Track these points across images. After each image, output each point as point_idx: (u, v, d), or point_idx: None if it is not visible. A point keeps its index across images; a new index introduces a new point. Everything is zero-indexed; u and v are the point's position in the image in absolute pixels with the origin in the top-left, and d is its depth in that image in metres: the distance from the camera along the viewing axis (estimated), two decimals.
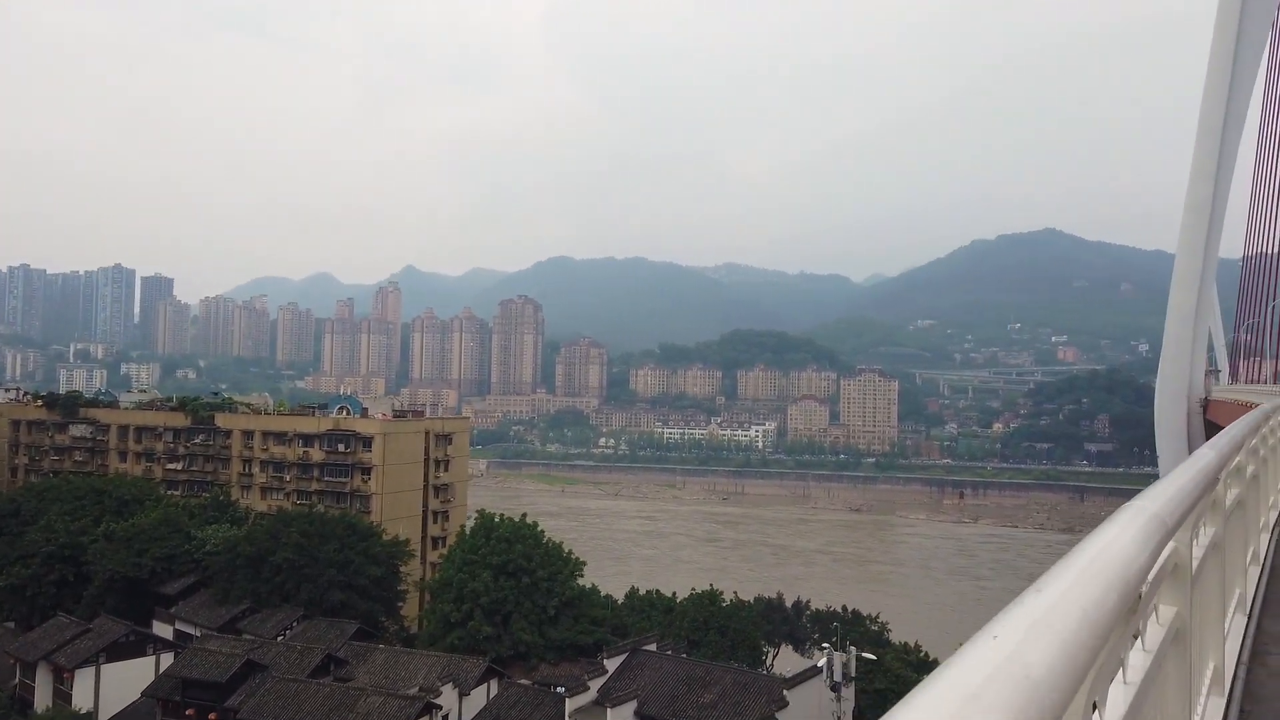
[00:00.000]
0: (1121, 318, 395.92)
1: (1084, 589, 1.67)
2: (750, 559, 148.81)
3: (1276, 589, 7.68)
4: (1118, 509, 2.77)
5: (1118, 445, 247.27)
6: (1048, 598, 1.49)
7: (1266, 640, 6.26)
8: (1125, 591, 1.92)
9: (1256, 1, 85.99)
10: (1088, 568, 1.88)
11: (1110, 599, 1.76)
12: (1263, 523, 8.89)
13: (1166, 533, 2.67)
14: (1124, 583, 1.94)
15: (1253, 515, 7.54)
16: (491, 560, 54.90)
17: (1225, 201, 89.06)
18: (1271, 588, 7.62)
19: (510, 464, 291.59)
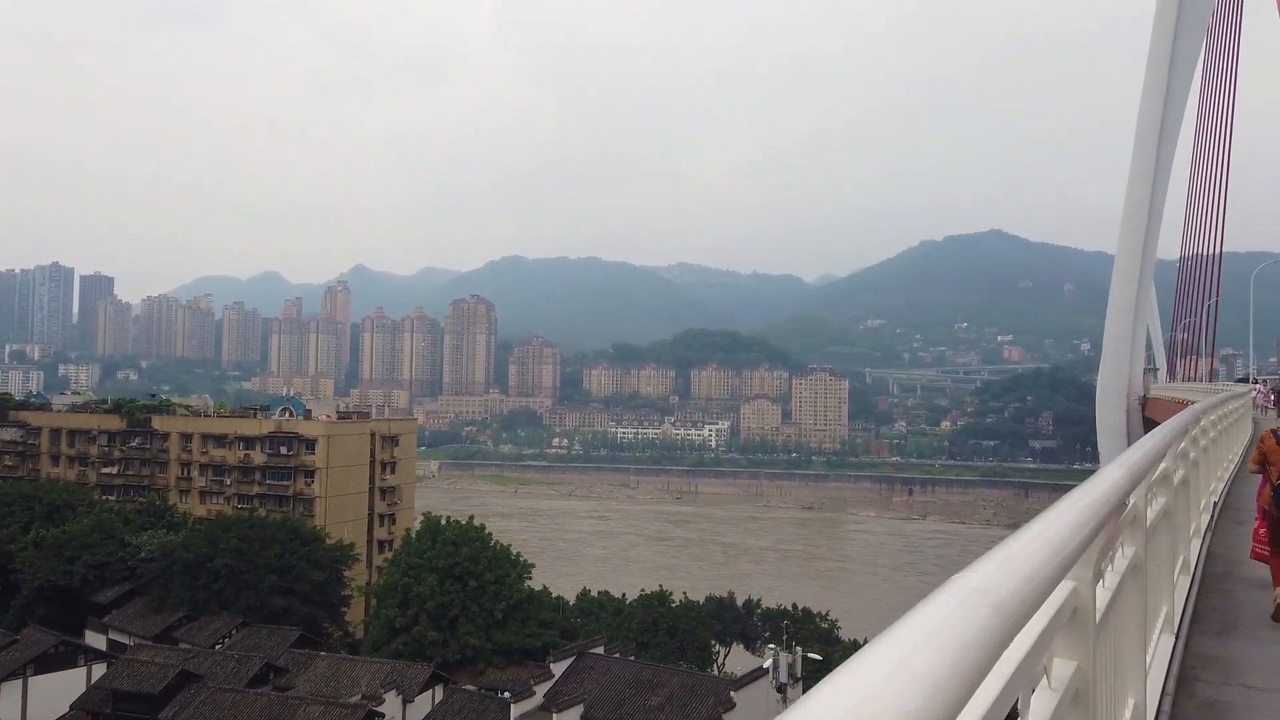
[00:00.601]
0: (1064, 317, 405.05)
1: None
2: (700, 557, 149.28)
3: (1208, 602, 7.29)
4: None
5: (1061, 442, 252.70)
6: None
7: (1195, 664, 5.83)
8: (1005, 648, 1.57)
9: (1191, 10, 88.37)
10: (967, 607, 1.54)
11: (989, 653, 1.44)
12: (1194, 528, 8.66)
13: (1047, 585, 2.00)
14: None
15: (1182, 524, 7.18)
16: (438, 564, 54.02)
17: (1163, 204, 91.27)
18: (1203, 601, 7.22)
19: (463, 465, 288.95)
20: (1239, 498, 15.91)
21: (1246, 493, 15.84)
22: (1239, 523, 13.13)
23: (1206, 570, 8.90)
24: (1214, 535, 11.44)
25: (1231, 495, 16.14)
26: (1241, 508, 14.50)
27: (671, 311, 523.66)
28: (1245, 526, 12.46)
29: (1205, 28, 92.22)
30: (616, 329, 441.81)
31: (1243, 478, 18.20)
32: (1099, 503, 2.93)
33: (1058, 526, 2.38)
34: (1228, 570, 9.46)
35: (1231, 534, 12.01)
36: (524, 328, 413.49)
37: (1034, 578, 1.74)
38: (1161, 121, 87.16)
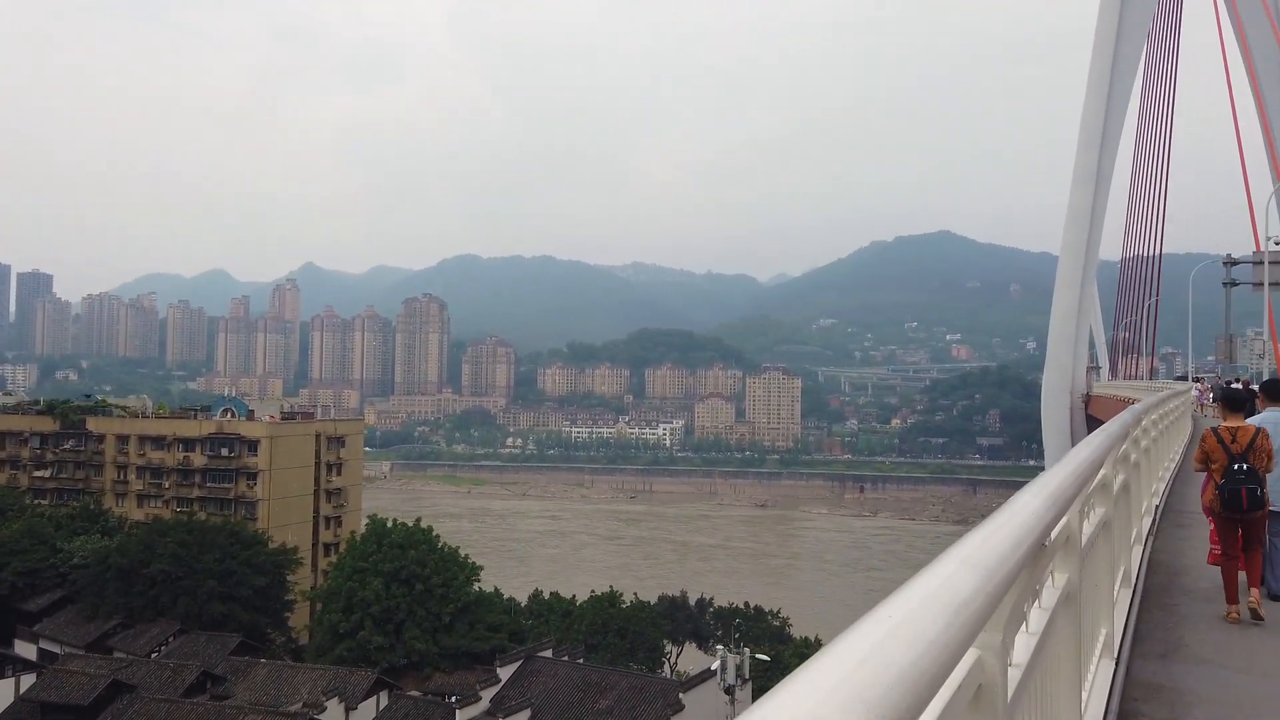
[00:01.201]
0: (1010, 317, 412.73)
1: None
2: (652, 556, 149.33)
3: (1151, 619, 6.88)
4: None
5: (1007, 439, 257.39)
6: None
7: (1137, 695, 5.45)
8: None
9: (1132, 17, 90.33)
10: None
11: None
12: (1135, 534, 8.38)
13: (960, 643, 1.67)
14: None
15: (1122, 533, 6.76)
16: (383, 567, 52.95)
17: (1105, 206, 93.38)
18: (1145, 618, 6.81)
19: (415, 465, 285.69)
20: (1181, 499, 15.65)
21: (1188, 494, 15.74)
22: (1181, 526, 12.86)
23: (1149, 581, 8.48)
24: (1156, 540, 11.12)
25: (1173, 496, 15.89)
26: (1184, 509, 14.27)
27: (626, 311, 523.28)
28: (1187, 530, 12.29)
29: (1145, 34, 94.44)
30: (571, 328, 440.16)
31: (1184, 477, 18.06)
32: (1005, 556, 2.29)
33: (953, 589, 1.83)
34: (1170, 580, 9.13)
35: (1174, 539, 11.76)
36: (478, 327, 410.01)
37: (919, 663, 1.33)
38: (1103, 126, 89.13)
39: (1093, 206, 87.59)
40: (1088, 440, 5.89)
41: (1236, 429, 8.74)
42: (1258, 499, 8.39)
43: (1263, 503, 8.46)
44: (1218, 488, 8.48)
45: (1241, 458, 8.47)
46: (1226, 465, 8.48)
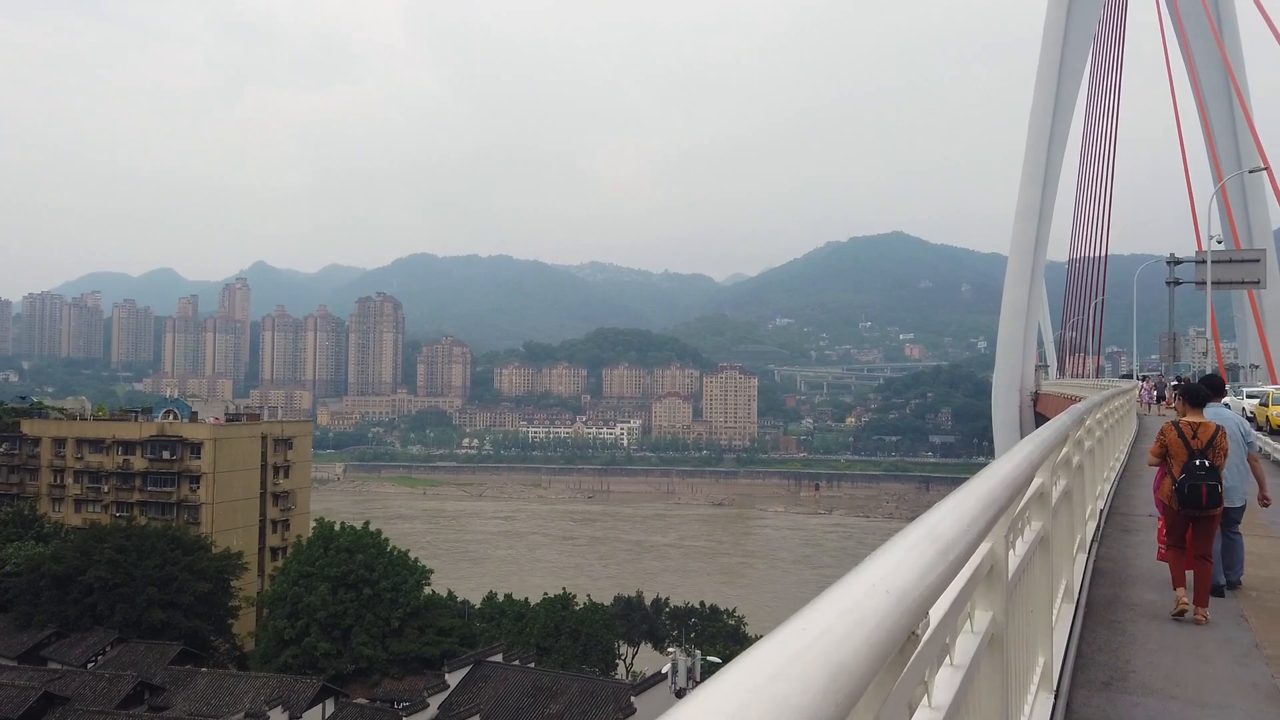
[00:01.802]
0: (961, 316, 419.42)
1: None
2: (606, 556, 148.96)
3: (1094, 641, 6.41)
4: None
5: (959, 437, 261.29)
6: None
7: None
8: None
9: (1078, 22, 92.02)
10: None
11: None
12: (1078, 542, 8.04)
13: None
14: None
15: (1063, 546, 6.28)
16: (330, 572, 51.77)
17: (1052, 207, 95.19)
18: (1088, 639, 6.35)
19: (369, 467, 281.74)
20: (1127, 501, 15.15)
21: (1134, 495, 15.38)
22: (1127, 530, 12.40)
23: (1093, 593, 8.05)
24: (1101, 547, 10.64)
25: (1119, 498, 15.33)
26: (1130, 512, 13.85)
27: (584, 310, 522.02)
28: (1134, 535, 11.87)
29: (1091, 39, 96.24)
30: (528, 328, 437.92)
31: (1130, 476, 17.65)
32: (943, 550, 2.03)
33: None
34: (1116, 595, 8.68)
35: (1119, 545, 11.32)
36: (433, 326, 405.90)
37: None
38: (1051, 128, 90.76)
39: (1041, 206, 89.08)
40: (1016, 449, 5.14)
41: (1197, 425, 8.68)
42: (1217, 496, 8.35)
43: (1219, 500, 8.42)
44: (1175, 483, 8.40)
45: (1202, 454, 8.42)
46: (1187, 461, 8.42)
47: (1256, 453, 10.16)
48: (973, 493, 2.92)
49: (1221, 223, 51.02)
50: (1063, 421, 6.28)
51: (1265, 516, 12.80)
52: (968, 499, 2.76)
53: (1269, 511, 12.91)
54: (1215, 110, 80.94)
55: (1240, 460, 9.79)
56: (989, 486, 3.20)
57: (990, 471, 3.51)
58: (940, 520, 2.38)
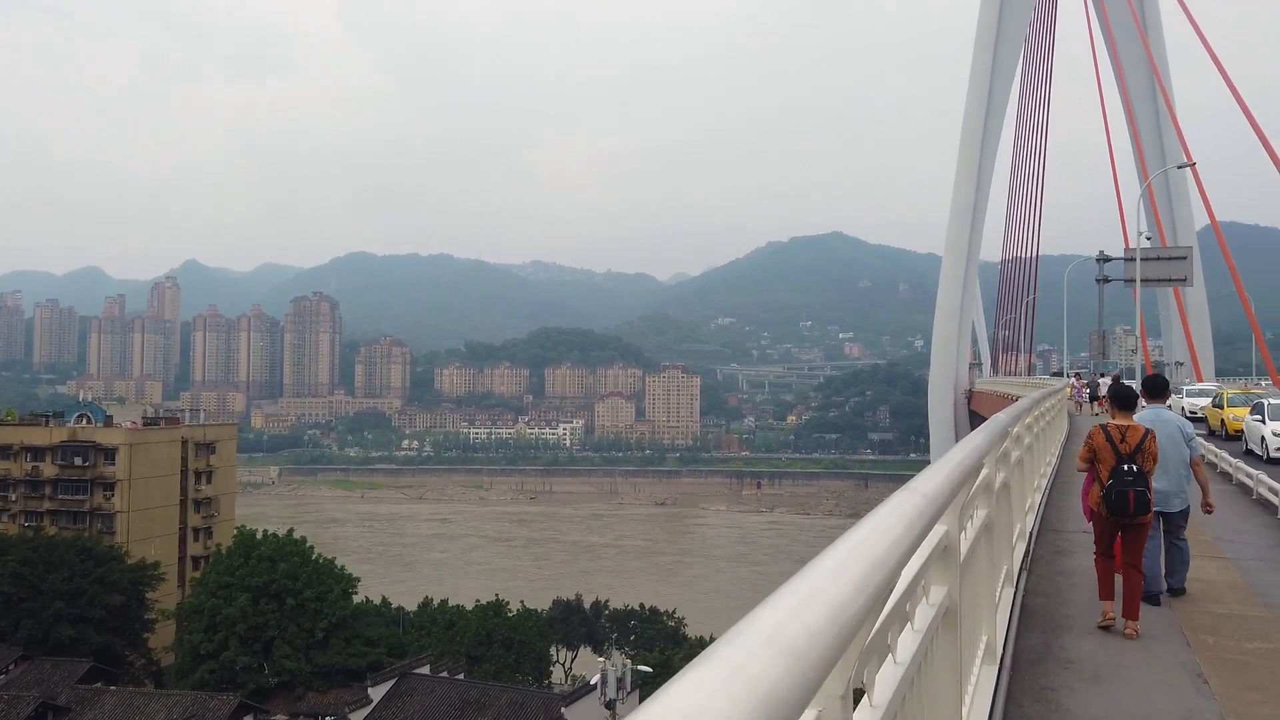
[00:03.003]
0: (899, 315, 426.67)
1: None
2: (542, 557, 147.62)
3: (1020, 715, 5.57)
4: None
5: (897, 434, 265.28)
6: None
7: None
8: None
9: (1010, 24, 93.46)
10: None
11: None
12: (1003, 574, 7.08)
13: None
14: None
15: (985, 583, 5.40)
16: (251, 582, 49.55)
17: (985, 207, 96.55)
18: (1012, 713, 5.50)
19: (305, 470, 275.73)
20: (1059, 513, 13.92)
21: (1068, 506, 14.22)
22: (1059, 552, 11.01)
23: (1019, 647, 6.95)
24: (1029, 577, 9.40)
25: (1051, 509, 14.11)
26: (1064, 529, 12.64)
27: (526, 309, 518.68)
28: (1068, 557, 10.67)
29: (1023, 40, 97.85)
30: (469, 327, 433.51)
31: (1061, 483, 16.64)
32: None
33: None
34: (1047, 647, 7.27)
35: (1050, 572, 9.93)
36: (372, 326, 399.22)
37: None
38: (983, 130, 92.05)
39: (974, 207, 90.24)
40: (966, 442, 4.84)
41: (1126, 428, 8.38)
42: (1145, 502, 8.07)
43: (1148, 506, 8.12)
44: (1103, 489, 8.15)
45: (1130, 458, 8.13)
46: (1115, 465, 8.15)
47: (1199, 456, 9.73)
48: (936, 474, 3.28)
49: (1148, 222, 51.96)
50: (974, 446, 5.43)
51: (1211, 532, 12.03)
52: (935, 478, 3.20)
53: (1215, 527, 12.25)
54: (1141, 110, 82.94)
55: (1181, 464, 9.36)
56: (948, 470, 3.57)
57: (948, 458, 3.90)
58: (907, 498, 2.66)
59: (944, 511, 3.04)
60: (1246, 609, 8.77)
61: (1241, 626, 8.12)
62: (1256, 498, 15.97)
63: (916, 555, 2.79)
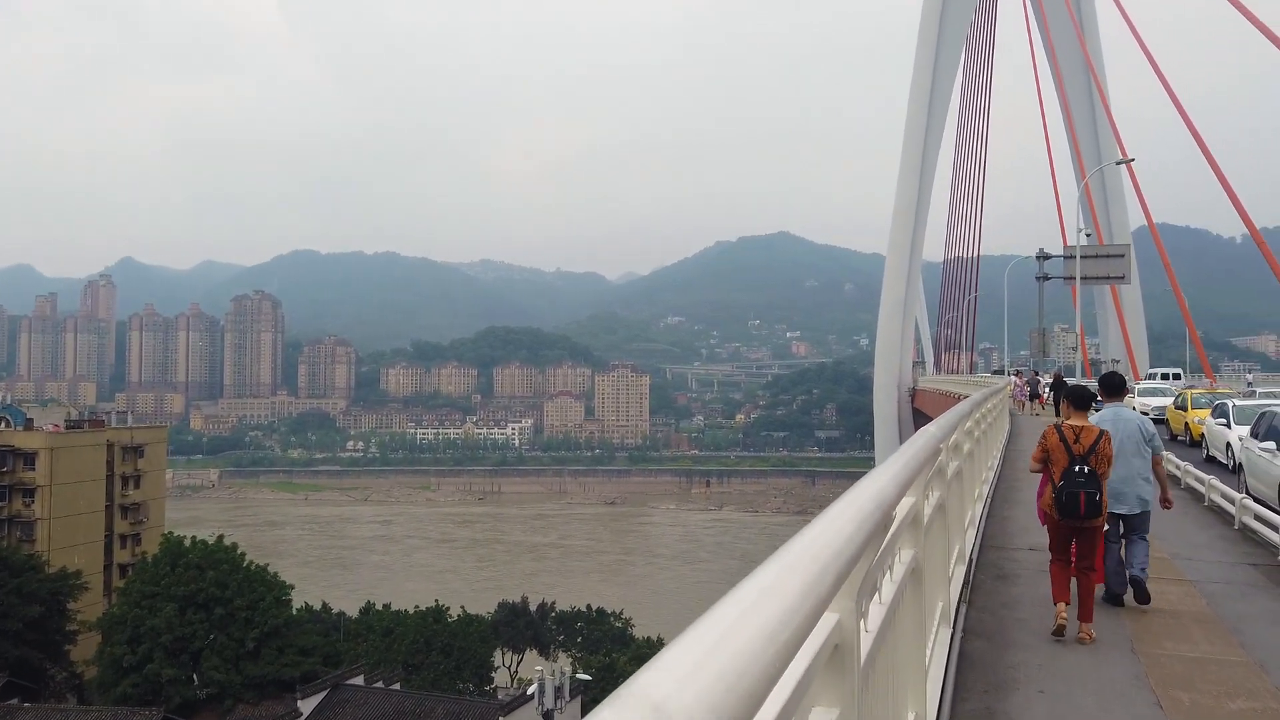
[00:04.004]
0: (845, 315, 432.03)
1: None
2: (485, 559, 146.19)
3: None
4: None
5: (843, 432, 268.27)
6: None
7: None
8: None
9: (951, 27, 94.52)
10: None
11: None
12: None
13: None
14: None
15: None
16: (177, 591, 47.63)
17: (928, 207, 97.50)
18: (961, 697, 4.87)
19: (246, 472, 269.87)
20: (1002, 526, 12.68)
21: (1012, 516, 13.27)
22: (1003, 576, 9.74)
23: (956, 715, 5.90)
24: (970, 612, 8.16)
25: (993, 521, 12.82)
26: (1006, 545, 11.31)
27: (474, 308, 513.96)
28: (1012, 583, 9.45)
29: (964, 40, 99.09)
30: (416, 326, 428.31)
31: (1004, 490, 15.81)
32: None
33: None
34: (989, 713, 5.96)
35: (994, 604, 8.49)
36: (317, 325, 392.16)
37: None
38: (925, 131, 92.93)
39: (917, 206, 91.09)
40: (918, 436, 4.55)
41: (1080, 428, 8.22)
42: (1096, 505, 7.90)
43: (1100, 509, 7.96)
44: (1055, 490, 8.00)
45: (1083, 459, 7.99)
46: (1067, 467, 7.99)
47: (1160, 455, 9.41)
48: (901, 457, 3.41)
49: (1085, 220, 52.89)
50: (894, 476, 4.78)
51: (1167, 546, 11.23)
52: (901, 458, 3.40)
53: (1171, 540, 11.58)
54: (1079, 111, 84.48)
55: (1143, 465, 9.08)
56: (913, 453, 3.75)
57: (910, 443, 4.10)
58: (881, 475, 2.92)
59: (835, 595, 2.11)
60: (1223, 652, 7.51)
61: (1219, 677, 6.87)
62: (1208, 503, 15.12)
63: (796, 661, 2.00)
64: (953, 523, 6.91)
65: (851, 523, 2.30)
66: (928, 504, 5.33)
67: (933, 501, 5.62)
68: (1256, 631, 8.04)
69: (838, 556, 2.01)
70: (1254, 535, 12.36)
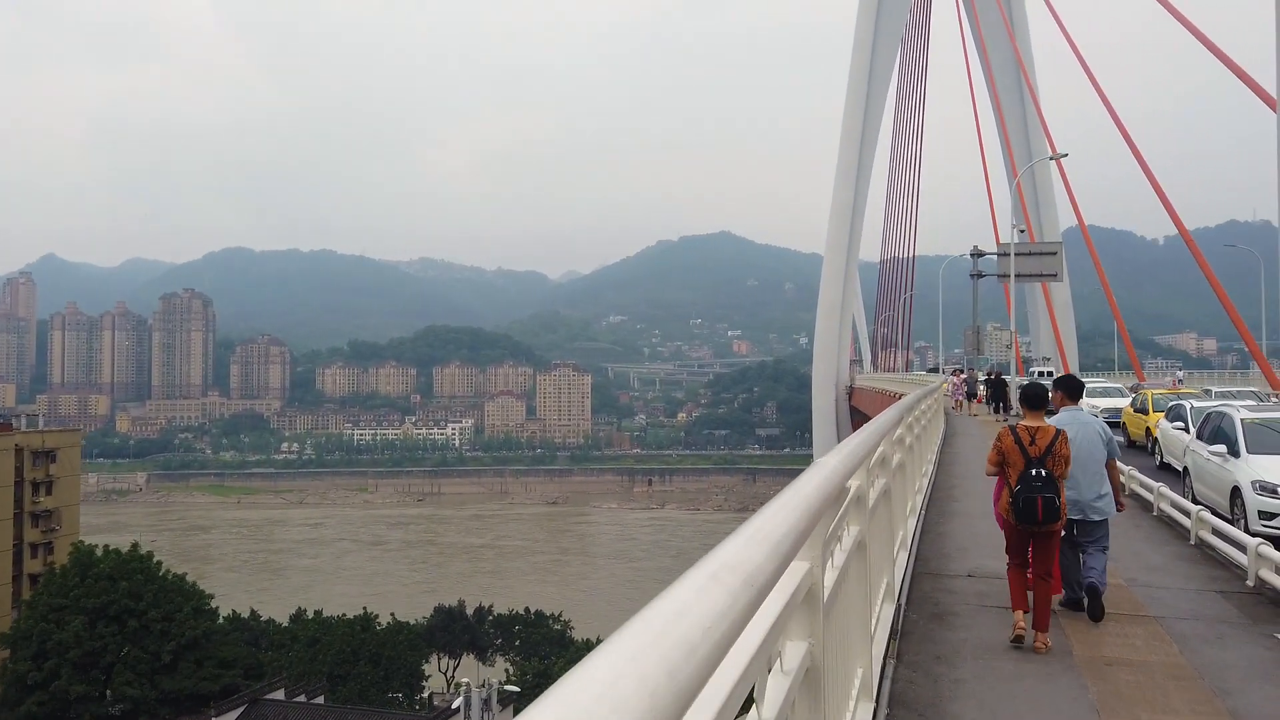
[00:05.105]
0: (785, 313, 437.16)
1: None
2: (417, 561, 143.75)
3: None
4: None
5: (783, 429, 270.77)
6: None
7: None
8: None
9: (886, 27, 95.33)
10: None
11: None
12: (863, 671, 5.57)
13: None
14: None
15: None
16: (87, 603, 45.28)
17: (864, 207, 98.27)
18: None
19: (176, 476, 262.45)
20: (937, 544, 11.45)
21: (950, 531, 12.27)
22: (938, 616, 8.30)
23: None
24: (898, 672, 6.74)
25: (926, 543, 11.46)
26: (941, 570, 10.06)
27: (413, 307, 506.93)
28: (950, 625, 8.19)
29: (899, 40, 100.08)
30: (354, 325, 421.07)
31: (939, 498, 14.98)
32: None
33: None
34: None
35: (925, 660, 6.99)
36: (250, 325, 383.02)
37: None
38: (862, 131, 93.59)
39: (853, 206, 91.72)
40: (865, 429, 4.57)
41: (1036, 429, 7.90)
42: (1054, 510, 7.57)
43: (1059, 514, 7.63)
44: (1012, 495, 7.70)
45: (1039, 462, 7.67)
46: (1023, 470, 7.68)
47: (1116, 460, 9.04)
48: (852, 441, 3.67)
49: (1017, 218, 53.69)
50: (804, 505, 4.22)
51: (1123, 570, 10.29)
52: (853, 442, 3.74)
53: (1125, 561, 10.75)
54: (1010, 110, 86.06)
55: (1101, 469, 8.72)
56: (863, 439, 4.08)
57: (865, 429, 4.44)
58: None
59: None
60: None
61: None
62: (1158, 513, 14.09)
63: None
64: (878, 554, 6.01)
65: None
66: (872, 490, 5.34)
67: (878, 487, 5.77)
68: (1246, 694, 6.55)
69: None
70: (1213, 552, 11.25)
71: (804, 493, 2.61)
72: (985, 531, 11.07)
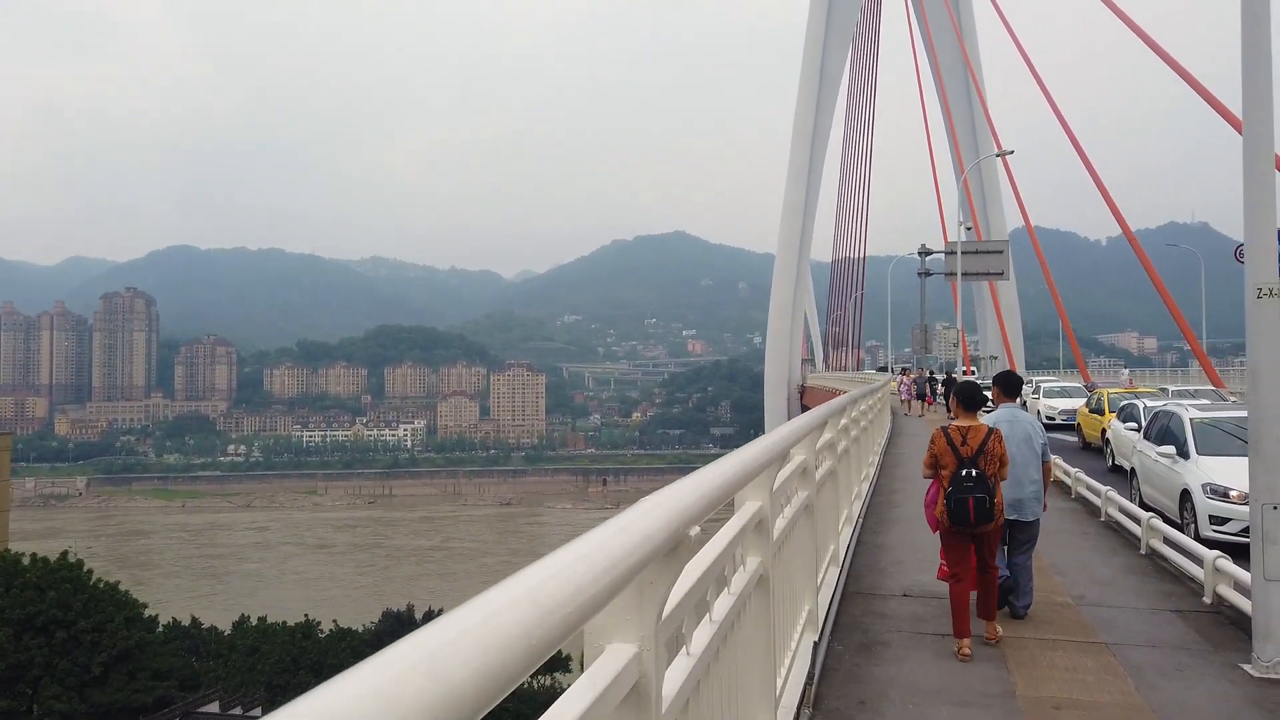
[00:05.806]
0: (739, 313, 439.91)
1: None
2: (363, 564, 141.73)
3: None
4: None
5: (737, 428, 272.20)
6: None
7: None
8: None
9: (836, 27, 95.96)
10: None
11: None
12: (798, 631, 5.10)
13: None
14: None
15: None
16: (12, 615, 43.37)
17: (816, 207, 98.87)
18: None
19: (118, 479, 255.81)
20: (871, 562, 10.80)
21: (887, 544, 11.64)
22: (866, 646, 7.50)
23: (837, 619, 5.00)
24: (821, 694, 6.15)
25: (861, 557, 10.92)
26: (876, 590, 9.41)
27: (364, 307, 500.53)
28: (877, 660, 7.19)
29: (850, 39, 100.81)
30: (303, 325, 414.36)
31: (879, 505, 14.51)
32: None
33: None
34: None
35: (847, 706, 6.04)
36: (196, 325, 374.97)
37: None
38: (813, 131, 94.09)
39: (805, 206, 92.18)
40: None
41: (968, 428, 7.73)
42: (986, 511, 7.39)
43: (992, 515, 7.45)
44: (945, 497, 7.53)
45: (971, 462, 7.49)
46: (955, 470, 7.53)
47: (1049, 461, 8.89)
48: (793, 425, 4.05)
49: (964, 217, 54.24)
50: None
51: (1070, 586, 9.69)
52: (796, 424, 4.35)
53: (1070, 573, 10.29)
54: (958, 108, 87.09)
55: (1035, 469, 8.61)
56: (806, 421, 4.73)
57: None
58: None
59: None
60: None
61: None
62: (1105, 519, 13.33)
63: None
64: (799, 584, 5.46)
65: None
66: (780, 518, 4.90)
67: (824, 469, 6.24)
68: None
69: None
70: (1165, 564, 10.57)
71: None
72: (925, 541, 10.51)
